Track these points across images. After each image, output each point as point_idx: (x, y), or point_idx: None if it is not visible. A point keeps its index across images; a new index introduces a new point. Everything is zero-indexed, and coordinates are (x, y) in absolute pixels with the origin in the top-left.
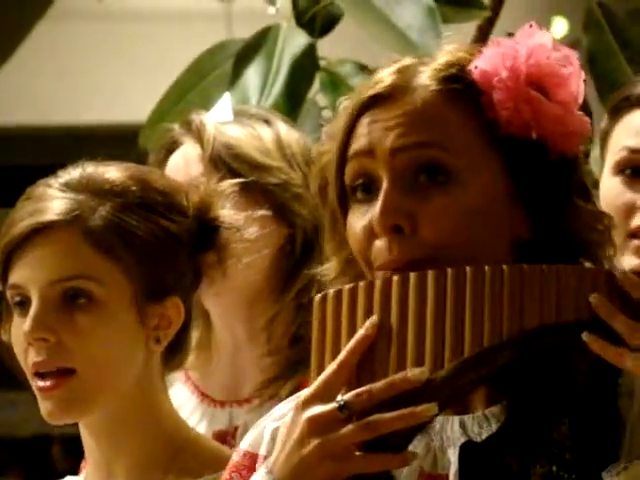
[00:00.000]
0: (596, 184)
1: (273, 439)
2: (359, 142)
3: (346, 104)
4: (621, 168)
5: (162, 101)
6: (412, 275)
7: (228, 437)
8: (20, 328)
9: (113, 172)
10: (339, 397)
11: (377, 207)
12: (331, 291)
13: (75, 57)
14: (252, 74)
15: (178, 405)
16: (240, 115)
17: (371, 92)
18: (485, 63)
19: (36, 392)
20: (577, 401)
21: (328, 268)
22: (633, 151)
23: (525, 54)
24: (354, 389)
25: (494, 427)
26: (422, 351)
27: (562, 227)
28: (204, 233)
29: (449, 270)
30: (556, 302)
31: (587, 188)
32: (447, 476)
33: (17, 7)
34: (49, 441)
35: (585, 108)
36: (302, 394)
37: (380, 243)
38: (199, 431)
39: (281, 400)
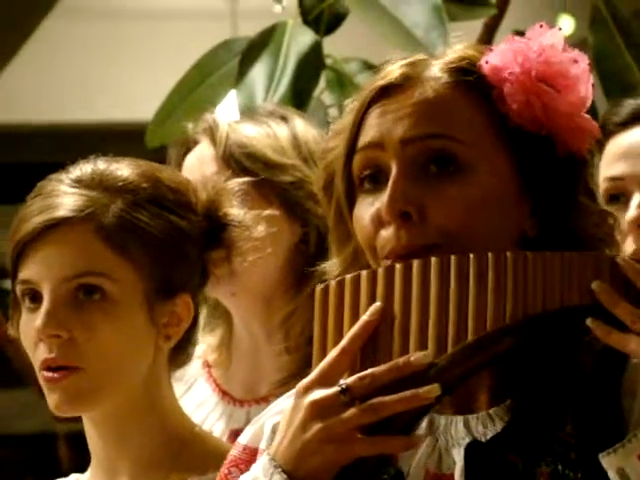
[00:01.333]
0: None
1: (274, 433)
2: (369, 134)
3: (353, 105)
4: (606, 199)
5: (168, 99)
6: (415, 262)
7: None
8: (29, 324)
9: (125, 169)
10: (341, 381)
11: (386, 194)
12: (333, 281)
13: (80, 55)
14: (258, 72)
15: (199, 402)
16: (256, 113)
17: (381, 83)
18: (496, 58)
19: (43, 384)
20: (580, 400)
21: (333, 264)
22: (610, 179)
23: (536, 51)
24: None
25: (498, 427)
26: (425, 336)
27: (567, 224)
28: (212, 231)
29: (452, 257)
30: (559, 288)
31: (591, 187)
32: (452, 476)
33: (23, 5)
34: (54, 438)
35: (592, 110)
36: (303, 380)
37: (388, 231)
38: (203, 428)
39: None
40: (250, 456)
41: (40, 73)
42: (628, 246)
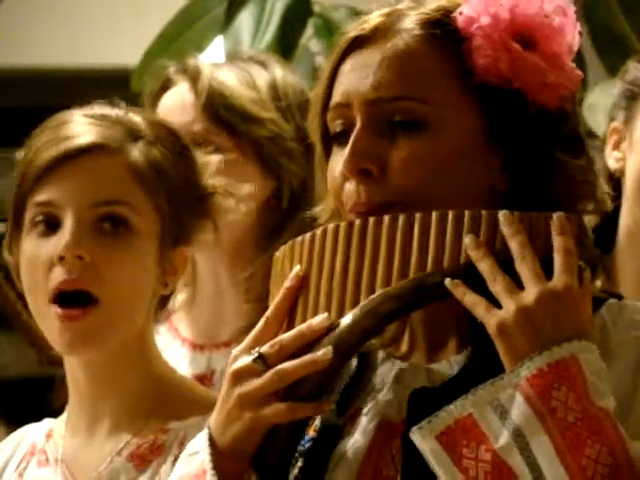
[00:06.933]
0: (589, 133)
1: None
2: (338, 92)
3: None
4: None
5: (154, 44)
6: (329, 227)
7: (205, 381)
8: (40, 248)
9: (139, 116)
10: (256, 349)
11: (346, 150)
12: (280, 250)
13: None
14: (245, 18)
15: (160, 349)
16: (237, 58)
17: (354, 33)
18: (470, 9)
19: (56, 321)
20: None
21: (321, 210)
22: None
23: (510, 2)
24: None
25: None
26: (330, 301)
27: (540, 180)
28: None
29: (356, 222)
30: (436, 249)
31: (576, 141)
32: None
33: None
34: (37, 383)
35: (579, 59)
36: (234, 350)
37: (349, 186)
38: (183, 374)
39: None
40: None
41: (25, 17)
42: None
